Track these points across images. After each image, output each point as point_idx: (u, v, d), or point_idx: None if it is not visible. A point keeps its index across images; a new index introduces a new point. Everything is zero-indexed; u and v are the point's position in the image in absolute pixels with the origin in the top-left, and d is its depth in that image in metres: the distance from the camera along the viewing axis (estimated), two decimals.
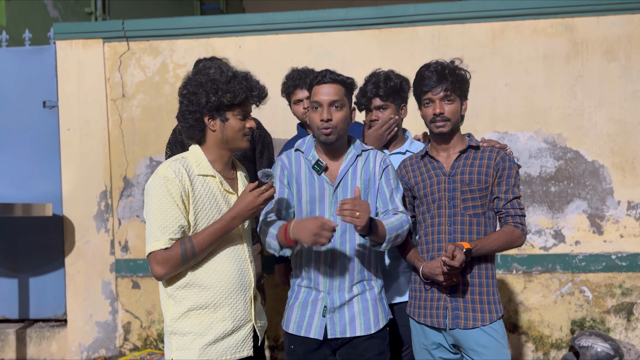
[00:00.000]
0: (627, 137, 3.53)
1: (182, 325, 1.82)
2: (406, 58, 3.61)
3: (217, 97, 1.79)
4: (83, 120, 3.81)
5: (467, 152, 2.14)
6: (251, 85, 1.85)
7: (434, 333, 2.14)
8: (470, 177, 2.09)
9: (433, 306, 2.11)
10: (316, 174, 2.06)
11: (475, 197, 2.09)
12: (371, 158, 2.12)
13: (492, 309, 2.08)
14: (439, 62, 2.10)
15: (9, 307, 3.98)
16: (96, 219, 3.82)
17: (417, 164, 2.22)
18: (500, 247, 2.09)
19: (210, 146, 1.88)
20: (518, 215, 2.10)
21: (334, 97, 2.00)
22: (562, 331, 3.60)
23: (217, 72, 1.82)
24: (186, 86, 1.85)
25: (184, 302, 1.83)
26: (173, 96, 3.77)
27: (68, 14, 9.89)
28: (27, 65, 3.92)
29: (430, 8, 3.61)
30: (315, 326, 2.04)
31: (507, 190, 2.09)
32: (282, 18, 3.69)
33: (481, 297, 2.08)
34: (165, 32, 3.77)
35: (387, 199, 2.09)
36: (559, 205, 3.57)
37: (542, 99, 3.57)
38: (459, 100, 2.11)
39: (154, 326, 3.83)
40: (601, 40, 3.53)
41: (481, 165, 2.11)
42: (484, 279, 2.10)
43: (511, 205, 2.10)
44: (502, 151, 2.12)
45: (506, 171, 2.10)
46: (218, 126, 1.84)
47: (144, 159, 3.81)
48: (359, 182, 2.07)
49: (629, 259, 3.53)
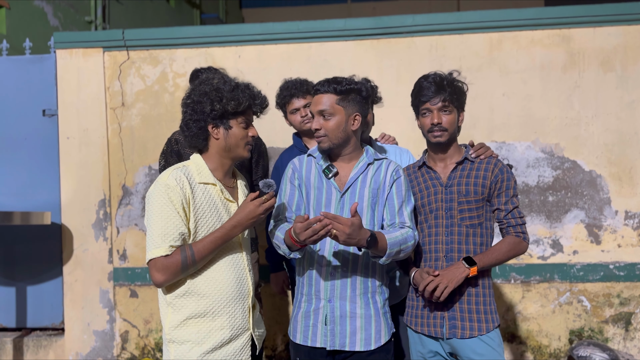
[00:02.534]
0: (624, 147, 3.55)
1: (181, 334, 1.82)
2: (404, 68, 3.64)
3: (222, 105, 1.83)
4: (82, 129, 3.82)
5: (463, 163, 2.17)
6: (254, 94, 1.90)
7: (431, 342, 2.15)
8: (467, 188, 2.13)
9: (430, 315, 2.13)
10: (325, 178, 2.07)
11: (472, 208, 2.12)
12: (383, 167, 2.12)
13: (488, 319, 2.11)
14: (438, 74, 2.13)
15: (6, 315, 3.96)
16: (95, 228, 3.82)
17: (415, 174, 2.24)
18: (505, 259, 2.13)
19: (213, 154, 1.90)
20: (519, 225, 2.15)
21: (321, 107, 2.04)
22: (560, 341, 3.60)
23: (220, 82, 1.86)
24: (190, 96, 1.88)
25: (182, 310, 1.83)
26: (172, 105, 3.79)
27: (68, 23, 9.94)
28: (27, 73, 3.94)
29: (428, 19, 3.64)
30: (320, 334, 2.03)
31: (507, 201, 2.14)
32: (282, 28, 3.72)
33: (477, 306, 2.11)
34: (165, 41, 3.79)
35: (394, 212, 2.07)
36: (557, 215, 3.58)
37: (539, 109, 3.59)
38: (457, 112, 2.14)
39: (151, 335, 3.82)
40: (597, 51, 3.56)
41: (477, 176, 2.14)
42: (480, 288, 2.12)
43: (512, 215, 2.14)
44: (500, 162, 2.16)
45: (505, 182, 2.14)
46: (221, 134, 1.87)
47: (142, 168, 3.82)
48: (368, 191, 2.07)
49: (626, 268, 3.53)
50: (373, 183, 2.08)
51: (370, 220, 2.06)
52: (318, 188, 2.08)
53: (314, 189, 2.09)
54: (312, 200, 2.08)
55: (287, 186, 2.14)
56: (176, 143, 3.02)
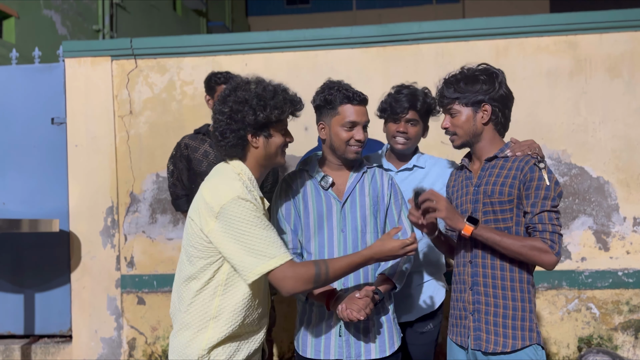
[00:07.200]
0: (631, 153, 3.53)
1: (217, 352, 1.75)
2: (410, 75, 3.62)
3: (266, 113, 1.73)
4: (91, 137, 3.85)
5: (494, 161, 1.98)
6: (293, 99, 1.81)
7: (458, 350, 2.03)
8: (493, 188, 1.92)
9: (459, 324, 2.02)
10: (322, 189, 2.08)
11: (496, 210, 1.92)
12: (377, 175, 2.15)
13: (518, 335, 1.87)
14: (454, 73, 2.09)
15: (15, 322, 3.98)
16: (102, 235, 3.84)
17: (457, 175, 2.15)
18: (511, 251, 1.84)
19: (252, 164, 1.81)
20: (548, 232, 1.83)
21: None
22: (569, 348, 3.57)
23: (259, 87, 1.76)
24: (226, 103, 1.76)
25: (221, 329, 1.76)
26: (180, 113, 3.81)
27: (76, 31, 10.04)
28: (36, 82, 3.98)
29: (434, 26, 3.65)
30: (334, 347, 2.02)
31: (535, 203, 1.85)
32: (288, 36, 3.74)
33: (505, 320, 1.89)
34: (172, 50, 3.82)
35: (395, 223, 2.12)
36: (565, 222, 3.57)
37: (546, 115, 3.58)
38: (470, 111, 1.99)
39: (158, 342, 3.82)
40: (604, 57, 3.55)
41: (507, 175, 1.91)
42: (509, 301, 1.90)
43: (539, 220, 1.84)
44: (533, 160, 1.90)
45: (534, 182, 1.86)
46: (261, 143, 1.78)
47: (150, 175, 3.84)
48: (368, 199, 2.08)
49: (635, 275, 3.51)
50: (372, 191, 2.10)
51: (374, 228, 2.08)
52: (317, 200, 2.08)
53: (312, 202, 2.08)
54: (312, 212, 2.07)
55: (284, 206, 2.09)
56: (186, 148, 3.02)
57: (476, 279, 1.96)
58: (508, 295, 1.90)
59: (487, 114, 1.97)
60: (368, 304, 1.90)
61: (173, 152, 3.10)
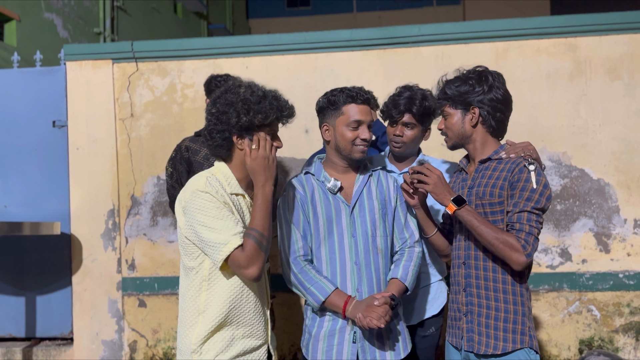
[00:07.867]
0: (631, 155, 3.54)
1: (206, 346, 1.78)
2: (410, 77, 3.63)
3: (249, 117, 1.76)
4: (92, 140, 3.86)
5: (487, 163, 1.99)
6: (281, 105, 1.83)
7: (454, 351, 2.05)
8: (485, 189, 1.93)
9: (454, 325, 2.03)
10: (330, 193, 2.07)
11: (487, 212, 1.92)
12: (383, 178, 2.16)
13: (508, 338, 1.87)
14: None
15: (16, 325, 3.99)
16: (103, 237, 3.84)
17: (456, 177, 2.16)
18: (485, 240, 1.84)
19: (237, 165, 1.84)
20: (524, 231, 1.81)
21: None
22: (570, 351, 3.57)
23: (247, 91, 1.80)
24: (215, 104, 1.81)
25: (210, 322, 1.79)
26: (181, 116, 3.82)
27: (77, 34, 10.05)
28: (37, 85, 3.99)
29: (434, 29, 3.66)
30: (348, 352, 1.99)
31: (517, 203, 1.84)
32: (288, 39, 3.75)
33: (497, 322, 1.89)
34: (173, 53, 3.83)
35: (402, 226, 2.14)
36: (565, 224, 3.57)
37: (546, 118, 3.59)
38: (460, 113, 2.02)
39: (159, 345, 3.83)
40: (604, 59, 3.56)
41: (498, 177, 1.92)
42: (501, 303, 1.90)
43: (518, 219, 1.83)
44: (524, 161, 1.89)
45: (521, 183, 1.85)
46: (246, 146, 1.80)
47: (151, 178, 3.85)
48: (376, 202, 2.09)
49: (636, 277, 3.51)
50: (379, 194, 2.11)
51: (383, 232, 2.08)
52: (325, 204, 2.06)
53: (321, 206, 2.06)
54: (321, 216, 2.05)
55: (293, 212, 2.08)
56: (187, 150, 2.98)
57: (469, 281, 1.97)
58: (500, 297, 1.90)
59: (476, 116, 1.98)
60: (387, 312, 1.91)
61: (173, 154, 3.08)
